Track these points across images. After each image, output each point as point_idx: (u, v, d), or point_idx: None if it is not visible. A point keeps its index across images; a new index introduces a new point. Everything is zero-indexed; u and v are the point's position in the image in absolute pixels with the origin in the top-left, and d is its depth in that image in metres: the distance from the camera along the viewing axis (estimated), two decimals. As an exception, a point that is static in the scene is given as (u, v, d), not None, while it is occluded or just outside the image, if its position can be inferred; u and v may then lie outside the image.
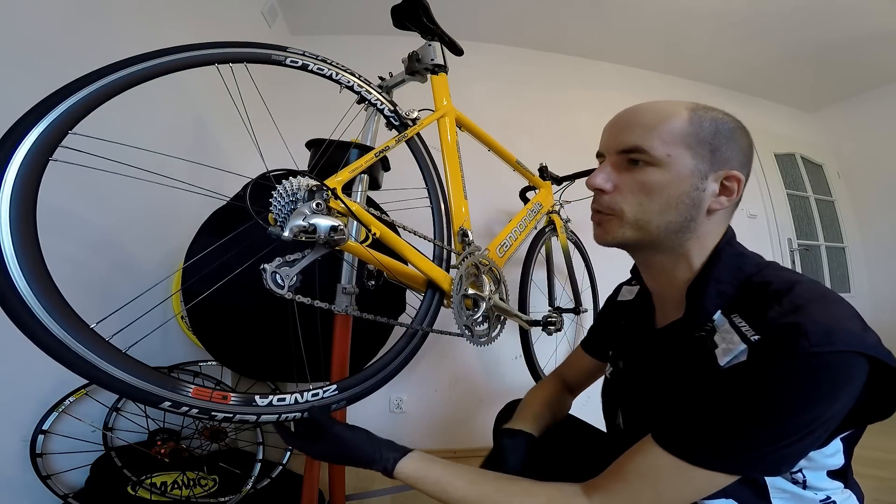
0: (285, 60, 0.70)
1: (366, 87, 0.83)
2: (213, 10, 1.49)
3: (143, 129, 1.15)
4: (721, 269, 0.49)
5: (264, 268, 0.55)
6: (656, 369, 0.55)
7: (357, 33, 2.14)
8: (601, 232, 0.54)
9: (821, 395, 0.38)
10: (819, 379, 0.37)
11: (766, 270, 0.49)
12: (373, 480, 1.43)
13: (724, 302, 0.48)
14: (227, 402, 0.53)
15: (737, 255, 0.51)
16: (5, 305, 0.41)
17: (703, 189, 0.49)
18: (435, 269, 0.80)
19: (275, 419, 0.56)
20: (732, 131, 0.50)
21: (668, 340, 0.54)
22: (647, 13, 2.07)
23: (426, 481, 0.52)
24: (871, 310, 2.65)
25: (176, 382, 0.50)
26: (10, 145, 0.44)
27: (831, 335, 0.37)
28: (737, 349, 0.42)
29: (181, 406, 0.49)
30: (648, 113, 0.51)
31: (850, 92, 2.70)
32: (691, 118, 0.49)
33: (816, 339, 0.37)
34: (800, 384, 0.37)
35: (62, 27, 0.92)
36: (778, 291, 0.43)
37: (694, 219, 0.50)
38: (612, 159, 0.53)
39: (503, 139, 1.20)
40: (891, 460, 1.43)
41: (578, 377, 0.79)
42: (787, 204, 2.61)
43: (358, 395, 0.66)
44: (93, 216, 1.00)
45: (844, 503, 0.47)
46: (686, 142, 0.48)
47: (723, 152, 0.49)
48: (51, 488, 0.92)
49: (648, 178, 0.49)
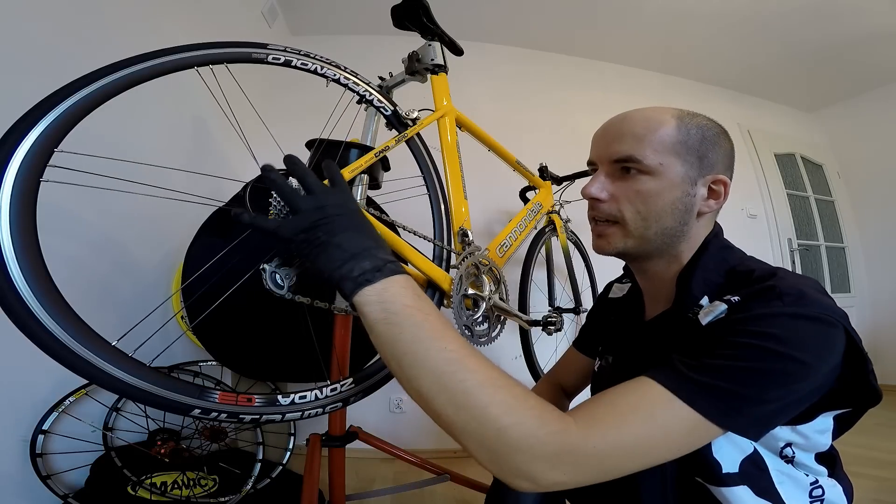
0: (267, 58, 0.68)
1: (353, 80, 0.81)
2: (212, 10, 1.49)
3: (143, 129, 1.15)
4: (707, 259, 0.52)
5: (264, 268, 0.55)
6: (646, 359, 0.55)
7: (357, 33, 2.14)
8: (603, 242, 0.56)
9: (800, 346, 0.39)
10: (799, 331, 0.39)
11: (748, 262, 0.52)
12: (372, 480, 1.43)
13: (710, 289, 0.50)
14: (253, 404, 0.54)
15: (722, 248, 0.54)
16: (5, 305, 0.41)
17: (693, 194, 0.51)
18: (435, 269, 0.80)
19: (299, 417, 0.57)
20: (717, 137, 0.53)
21: (657, 330, 0.56)
22: (647, 13, 2.08)
23: (401, 329, 0.40)
24: (871, 310, 2.65)
25: (202, 390, 0.51)
26: (10, 145, 0.44)
27: (804, 297, 0.41)
28: (718, 309, 0.45)
29: (210, 412, 0.50)
30: (638, 122, 0.52)
31: (850, 92, 2.70)
32: (679, 126, 0.51)
33: (791, 300, 0.40)
34: (776, 331, 0.39)
35: (62, 27, 0.92)
36: (761, 276, 0.46)
37: (687, 223, 0.52)
38: (605, 169, 0.55)
39: (503, 139, 1.20)
40: (891, 460, 1.42)
41: (574, 379, 0.79)
42: (787, 204, 2.62)
43: (371, 386, 0.67)
44: (93, 216, 1.00)
45: (830, 489, 0.48)
46: (676, 150, 0.51)
47: (709, 158, 0.51)
48: (51, 488, 0.92)
49: (643, 187, 0.51)
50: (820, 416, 0.45)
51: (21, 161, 0.44)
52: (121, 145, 1.04)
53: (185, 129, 1.38)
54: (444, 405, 0.39)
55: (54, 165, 0.47)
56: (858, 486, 0.52)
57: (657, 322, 0.56)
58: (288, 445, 1.33)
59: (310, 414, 0.58)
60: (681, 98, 2.53)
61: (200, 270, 0.69)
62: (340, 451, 0.99)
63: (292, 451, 1.32)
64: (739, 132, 2.63)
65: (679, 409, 0.39)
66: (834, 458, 0.51)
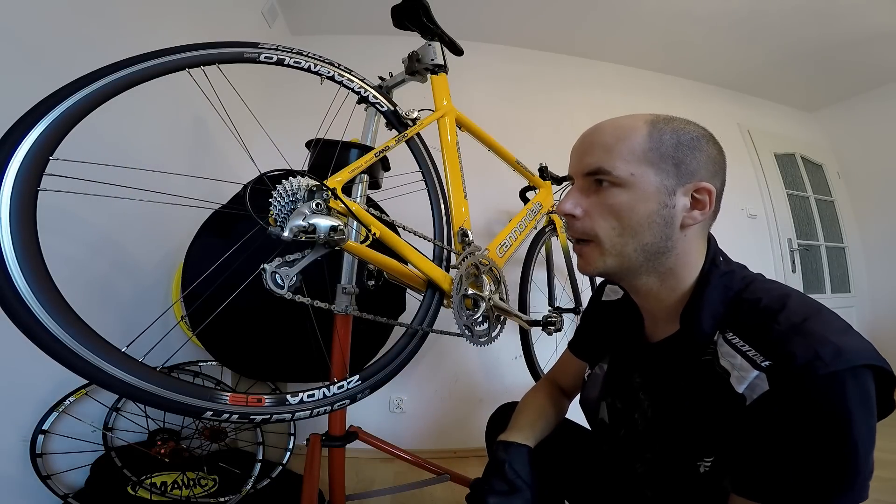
0: (259, 57, 0.68)
1: (347, 77, 0.81)
2: (212, 10, 1.48)
3: (144, 129, 1.15)
4: (711, 292, 0.49)
5: (264, 268, 0.55)
6: (655, 382, 0.55)
7: (357, 33, 2.14)
8: (583, 263, 0.54)
9: (866, 409, 0.38)
10: (850, 397, 0.38)
11: (753, 285, 0.49)
12: (372, 481, 1.43)
13: (717, 319, 0.48)
14: (262, 404, 0.54)
15: (722, 276, 0.50)
16: (5, 305, 0.41)
17: (672, 205, 0.48)
18: (435, 269, 0.80)
19: (308, 415, 0.58)
20: (695, 141, 0.48)
21: (665, 355, 0.54)
22: (647, 13, 2.07)
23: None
24: (871, 310, 2.65)
25: (212, 392, 0.51)
26: (9, 145, 0.44)
27: (840, 354, 0.38)
28: (750, 376, 0.42)
29: (222, 414, 0.51)
30: (608, 132, 0.50)
31: (850, 92, 2.70)
32: (650, 133, 0.48)
33: (830, 357, 0.38)
34: (846, 406, 0.38)
35: (62, 27, 0.92)
36: (770, 308, 0.44)
37: (669, 237, 0.49)
38: (579, 183, 0.53)
39: (503, 139, 1.20)
40: (891, 460, 1.42)
41: (573, 381, 0.78)
42: (787, 204, 2.61)
43: (378, 382, 0.67)
44: (93, 216, 1.00)
45: None
46: (647, 158, 0.47)
47: (687, 164, 0.48)
48: (51, 488, 0.92)
49: (615, 200, 0.48)
50: None
51: (21, 161, 0.45)
52: (121, 145, 1.05)
53: (186, 129, 1.38)
54: None
55: (55, 166, 0.47)
56: (858, 486, 0.52)
57: (664, 347, 0.54)
58: (288, 445, 1.33)
59: (318, 412, 0.59)
60: (681, 98, 2.53)
61: (203, 275, 0.70)
62: (340, 451, 0.99)
63: (292, 451, 1.32)
64: (739, 132, 2.63)
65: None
66: None
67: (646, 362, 0.58)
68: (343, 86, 0.81)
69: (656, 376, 0.56)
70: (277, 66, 0.71)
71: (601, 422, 0.64)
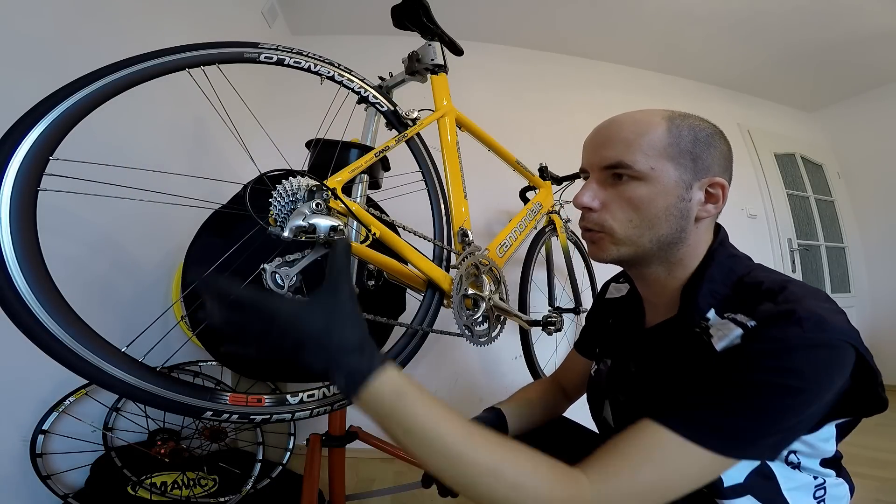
0: (259, 57, 0.68)
1: (346, 76, 0.81)
2: (212, 10, 1.49)
3: (144, 129, 1.15)
4: (714, 269, 0.50)
5: (264, 268, 0.55)
6: (649, 365, 0.55)
7: (357, 33, 2.14)
8: (596, 249, 0.54)
9: (816, 377, 0.39)
10: (816, 362, 0.39)
11: (756, 272, 0.50)
12: (372, 481, 1.43)
13: (717, 301, 0.49)
14: (262, 404, 0.54)
15: (729, 257, 0.52)
16: (5, 305, 0.41)
17: (689, 199, 0.49)
18: (435, 269, 0.80)
19: (308, 415, 0.57)
20: (711, 137, 0.50)
21: (659, 338, 0.55)
22: (647, 13, 2.08)
23: (404, 416, 0.39)
24: (871, 310, 2.65)
25: (213, 392, 0.51)
26: (10, 145, 0.44)
27: (823, 324, 0.39)
28: (732, 334, 0.43)
29: (222, 414, 0.50)
30: (627, 126, 0.51)
31: (850, 92, 2.70)
32: (670, 128, 0.49)
33: (809, 326, 0.39)
34: (795, 366, 0.38)
35: (62, 27, 0.92)
36: (771, 290, 0.44)
37: (684, 229, 0.50)
38: (596, 176, 0.53)
39: (503, 139, 1.20)
40: (891, 460, 1.42)
41: (575, 380, 0.79)
42: (787, 204, 2.62)
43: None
44: (93, 216, 1.00)
45: (836, 488, 0.48)
46: (667, 153, 0.49)
47: (704, 160, 0.49)
48: (51, 488, 0.92)
49: (634, 193, 0.49)
50: (824, 427, 0.45)
51: (21, 161, 0.45)
52: (121, 145, 1.05)
53: (186, 129, 1.38)
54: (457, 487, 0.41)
55: (55, 166, 0.47)
56: (859, 486, 0.52)
57: (659, 330, 0.55)
58: (288, 445, 1.33)
59: (319, 412, 0.58)
60: (681, 98, 2.53)
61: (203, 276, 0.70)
62: (340, 451, 0.99)
63: (292, 451, 1.32)
64: (739, 132, 2.63)
65: (693, 452, 0.39)
66: (839, 461, 0.50)
67: (641, 348, 0.58)
68: (343, 86, 0.81)
69: (650, 360, 0.55)
70: (277, 66, 0.71)
71: (604, 420, 0.65)
